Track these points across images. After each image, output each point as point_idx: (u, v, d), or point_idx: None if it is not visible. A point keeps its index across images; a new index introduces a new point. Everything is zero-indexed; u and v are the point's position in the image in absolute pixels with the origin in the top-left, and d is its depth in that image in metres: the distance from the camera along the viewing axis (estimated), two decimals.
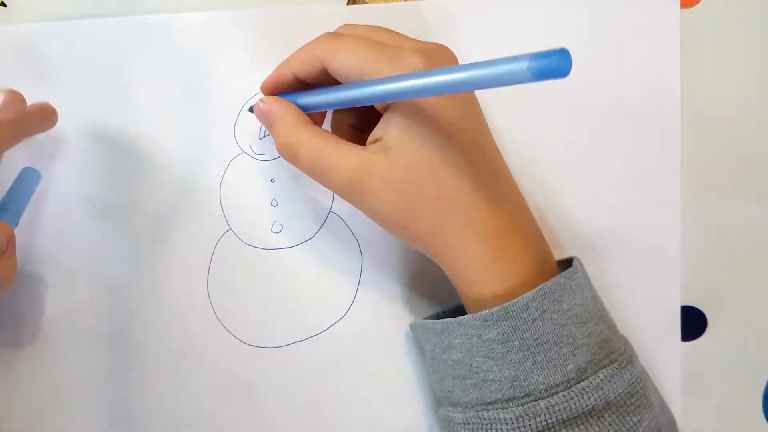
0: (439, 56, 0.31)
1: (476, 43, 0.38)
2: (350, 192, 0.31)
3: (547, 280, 0.30)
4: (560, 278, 0.30)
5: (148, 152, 0.38)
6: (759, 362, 0.38)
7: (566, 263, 0.34)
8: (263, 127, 0.38)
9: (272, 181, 0.38)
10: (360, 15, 0.37)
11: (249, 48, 0.38)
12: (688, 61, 0.38)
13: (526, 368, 0.30)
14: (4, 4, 0.38)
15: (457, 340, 0.32)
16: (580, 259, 0.33)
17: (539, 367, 0.30)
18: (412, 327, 0.36)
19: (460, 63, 0.30)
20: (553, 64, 0.21)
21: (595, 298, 0.32)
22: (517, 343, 0.30)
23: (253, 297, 0.38)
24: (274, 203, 0.38)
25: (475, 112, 0.32)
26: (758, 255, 0.38)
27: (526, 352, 0.30)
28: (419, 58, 0.29)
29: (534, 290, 0.30)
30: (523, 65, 0.22)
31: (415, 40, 0.32)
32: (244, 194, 0.38)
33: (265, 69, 0.34)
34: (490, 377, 0.31)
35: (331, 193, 0.38)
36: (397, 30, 0.33)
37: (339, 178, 0.31)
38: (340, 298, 0.38)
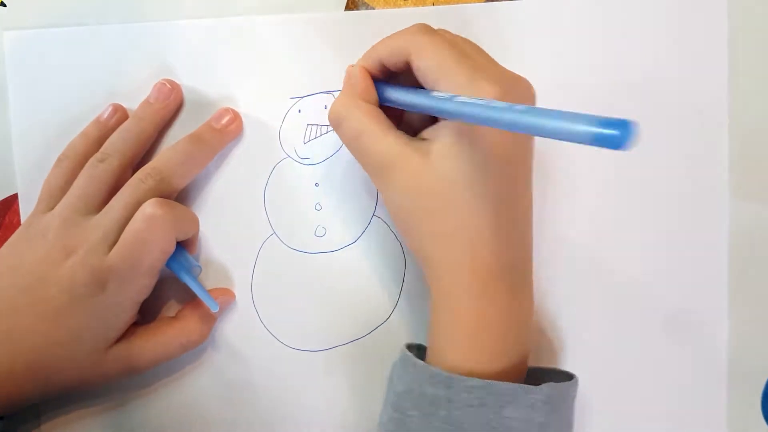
0: (517, 89, 0.30)
1: None
2: (377, 176, 0.32)
3: (507, 379, 0.30)
4: (518, 387, 0.30)
5: None
6: (759, 362, 0.37)
7: (566, 377, 0.33)
8: (308, 132, 0.38)
9: (316, 185, 0.39)
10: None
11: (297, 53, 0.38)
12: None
13: None
14: (3, 4, 0.39)
15: (405, 376, 0.32)
16: (567, 387, 0.31)
17: None
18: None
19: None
20: (617, 137, 0.20)
21: (545, 428, 0.30)
22: (444, 414, 0.30)
23: (297, 300, 0.39)
24: (318, 207, 0.39)
25: (526, 165, 0.32)
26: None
27: (447, 426, 0.30)
28: (494, 87, 0.28)
29: (486, 381, 0.29)
30: (590, 129, 0.21)
31: (499, 67, 0.32)
32: (289, 198, 0.39)
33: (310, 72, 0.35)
34: (409, 425, 0.31)
35: (375, 196, 0.38)
36: None
37: (371, 161, 0.32)
38: (383, 302, 0.38)
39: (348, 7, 0.39)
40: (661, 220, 0.37)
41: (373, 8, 0.39)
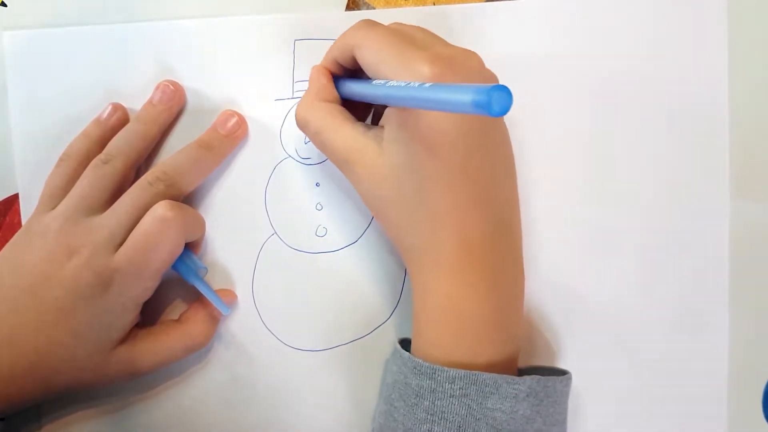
0: (456, 66, 0.30)
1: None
2: (343, 170, 0.34)
3: (494, 372, 0.30)
4: (499, 377, 0.30)
5: None
6: (759, 362, 0.37)
7: (562, 373, 0.33)
8: None
9: (317, 185, 0.39)
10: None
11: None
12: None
13: (423, 430, 0.30)
14: (4, 4, 0.39)
15: (394, 367, 0.33)
16: (554, 381, 0.31)
17: None
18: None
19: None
20: (490, 101, 0.21)
21: (531, 422, 0.30)
22: (427, 404, 0.30)
23: (298, 300, 0.39)
24: (319, 207, 0.39)
25: (486, 141, 0.31)
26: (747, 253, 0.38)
27: (430, 416, 0.30)
28: (430, 67, 0.29)
29: (468, 371, 0.29)
30: (467, 98, 0.22)
31: (445, 46, 0.32)
32: (290, 198, 0.39)
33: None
34: (395, 416, 0.31)
35: None
36: None
37: (335, 156, 0.33)
38: (384, 302, 0.38)
39: (349, 7, 0.39)
40: (661, 220, 0.37)
41: (374, 8, 0.39)
